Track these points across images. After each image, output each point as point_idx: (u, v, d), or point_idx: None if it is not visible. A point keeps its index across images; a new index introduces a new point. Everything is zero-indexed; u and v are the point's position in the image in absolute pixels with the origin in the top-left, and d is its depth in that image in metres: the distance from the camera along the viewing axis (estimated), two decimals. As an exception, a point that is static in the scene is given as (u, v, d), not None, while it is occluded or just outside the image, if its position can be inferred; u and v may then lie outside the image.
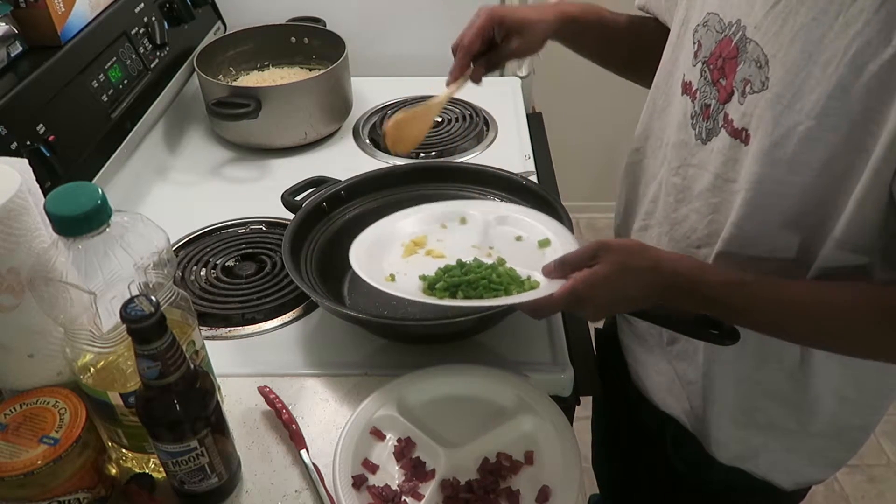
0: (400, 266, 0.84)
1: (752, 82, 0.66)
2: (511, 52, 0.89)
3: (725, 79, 0.69)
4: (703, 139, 0.73)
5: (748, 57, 0.66)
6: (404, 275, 0.82)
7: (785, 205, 0.66)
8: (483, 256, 0.84)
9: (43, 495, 0.64)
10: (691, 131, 0.75)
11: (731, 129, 0.69)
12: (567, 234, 0.86)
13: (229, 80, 1.39)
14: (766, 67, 0.64)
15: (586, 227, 2.72)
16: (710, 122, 0.72)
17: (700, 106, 0.73)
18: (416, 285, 0.80)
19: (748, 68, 0.66)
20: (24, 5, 0.99)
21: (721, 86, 0.70)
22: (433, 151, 1.28)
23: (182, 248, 1.06)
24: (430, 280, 0.80)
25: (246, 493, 0.72)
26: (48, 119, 0.95)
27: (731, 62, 0.68)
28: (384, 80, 1.50)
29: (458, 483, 0.71)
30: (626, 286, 0.69)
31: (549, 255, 0.82)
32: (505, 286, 0.77)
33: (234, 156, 1.30)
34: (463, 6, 1.51)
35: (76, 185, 0.62)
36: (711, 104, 0.71)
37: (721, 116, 0.70)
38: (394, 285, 0.80)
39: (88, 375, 0.67)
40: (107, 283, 0.61)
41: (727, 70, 0.69)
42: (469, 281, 0.78)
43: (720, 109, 0.70)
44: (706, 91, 0.72)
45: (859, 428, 0.84)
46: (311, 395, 0.83)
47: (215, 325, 0.93)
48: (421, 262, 0.85)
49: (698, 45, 0.74)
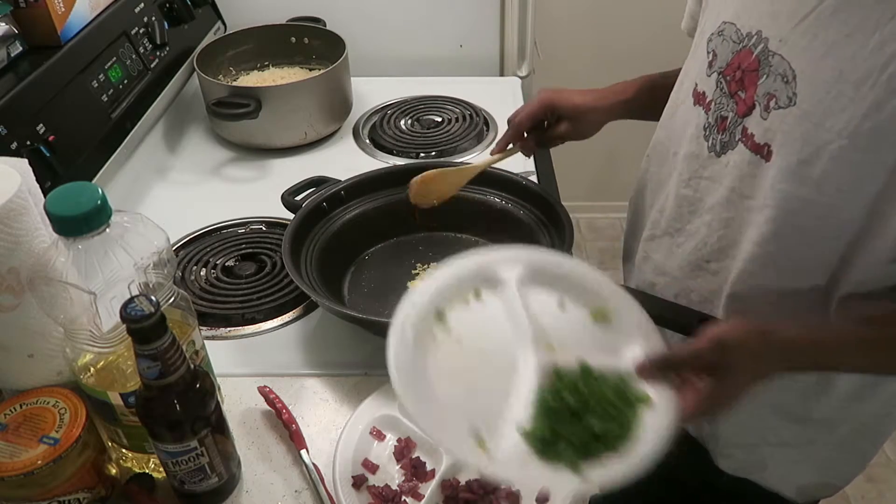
0: None
1: (777, 97, 0.63)
2: (562, 136, 0.92)
3: (745, 91, 0.67)
4: (717, 152, 0.71)
5: (772, 71, 0.64)
6: None
7: (812, 224, 0.64)
8: (543, 354, 0.63)
9: (43, 495, 0.64)
10: (704, 143, 0.73)
11: (752, 143, 0.66)
12: (607, 282, 0.70)
13: (229, 80, 1.39)
14: (793, 83, 0.62)
15: (586, 227, 2.72)
16: (725, 135, 0.70)
17: (715, 118, 0.71)
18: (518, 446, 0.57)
19: (772, 82, 0.64)
20: (24, 5, 0.99)
21: (740, 98, 0.68)
22: (433, 151, 1.28)
23: (182, 248, 1.06)
24: (534, 433, 0.58)
25: (246, 493, 0.72)
26: (48, 119, 0.95)
27: (752, 75, 0.66)
28: (384, 80, 1.50)
29: (458, 483, 0.71)
30: (754, 382, 0.62)
31: (613, 331, 0.67)
32: (619, 414, 0.59)
33: (234, 156, 1.30)
34: (463, 6, 1.53)
35: (76, 185, 0.62)
36: (728, 116, 0.69)
37: (739, 130, 0.68)
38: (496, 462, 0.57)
39: (88, 375, 0.67)
40: (107, 283, 0.61)
41: (747, 82, 0.66)
42: (578, 415, 0.59)
43: (738, 122, 0.68)
44: (722, 103, 0.70)
45: (870, 441, 0.83)
46: (311, 395, 0.83)
47: (215, 325, 0.93)
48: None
49: (713, 54, 0.72)
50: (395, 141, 1.31)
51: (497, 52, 1.58)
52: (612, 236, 2.70)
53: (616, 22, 2.07)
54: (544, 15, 1.61)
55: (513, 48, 1.55)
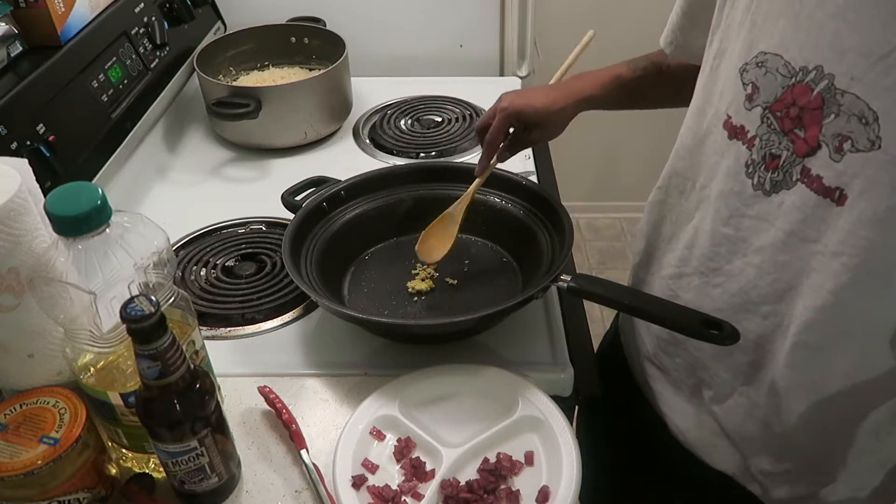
0: None
1: (853, 139, 0.60)
2: (532, 141, 0.93)
3: (804, 130, 0.63)
4: (766, 190, 0.68)
5: (843, 110, 0.60)
6: None
7: (894, 272, 0.62)
8: None
9: (43, 495, 0.64)
10: (747, 181, 0.69)
11: (818, 186, 0.63)
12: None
13: (229, 80, 1.39)
14: (874, 125, 0.58)
15: (586, 227, 2.72)
16: (778, 174, 0.66)
17: (762, 155, 0.67)
18: None
19: (845, 123, 0.60)
20: (24, 5, 0.99)
21: (797, 137, 0.64)
22: (433, 151, 1.28)
23: (182, 248, 1.06)
24: None
25: (246, 493, 0.72)
26: (48, 119, 0.95)
27: (815, 113, 0.62)
28: (384, 80, 1.50)
29: (458, 483, 0.71)
30: None
31: None
32: None
33: (234, 156, 1.30)
34: (463, 6, 1.53)
35: (76, 185, 0.62)
36: (783, 155, 0.65)
37: (797, 170, 0.65)
38: None
39: (88, 375, 0.67)
40: (107, 283, 0.61)
41: (807, 121, 0.63)
42: None
43: (797, 162, 0.64)
44: (772, 140, 0.66)
45: None
46: (311, 395, 0.83)
47: (215, 325, 0.93)
48: None
49: (753, 87, 0.67)
50: (395, 141, 1.31)
51: (497, 52, 1.58)
52: (612, 236, 2.70)
53: (616, 22, 2.07)
54: (544, 15, 1.61)
55: (513, 48, 1.56)
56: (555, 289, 0.87)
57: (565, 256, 0.87)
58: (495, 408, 0.79)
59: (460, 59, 1.57)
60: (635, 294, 0.84)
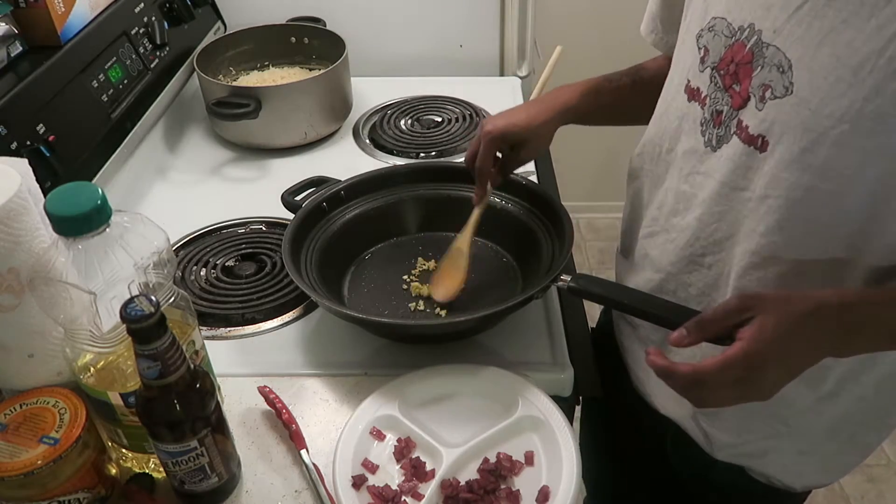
0: None
1: (772, 87, 0.64)
2: (521, 160, 0.93)
3: (739, 84, 0.67)
4: (714, 146, 0.72)
5: (767, 62, 0.64)
6: None
7: (818, 212, 0.64)
8: None
9: (43, 495, 0.64)
10: (701, 138, 0.73)
11: (746, 135, 0.67)
12: None
13: (229, 80, 1.39)
14: (789, 72, 0.62)
15: (586, 227, 2.72)
16: (721, 129, 0.70)
17: (710, 112, 0.72)
18: None
19: (767, 73, 0.64)
20: (24, 5, 0.99)
21: (734, 91, 0.68)
22: (433, 151, 1.28)
23: (182, 248, 1.06)
24: None
25: (246, 493, 0.72)
26: (48, 119, 0.95)
27: (746, 67, 0.66)
28: (384, 80, 1.50)
29: (458, 483, 0.71)
30: (802, 338, 0.61)
31: None
32: None
33: (234, 156, 1.30)
34: (463, 6, 1.53)
35: (76, 185, 0.62)
36: (724, 110, 0.70)
37: (734, 123, 0.68)
38: None
39: (88, 375, 0.67)
40: (107, 283, 0.61)
41: (741, 75, 0.67)
42: None
43: (733, 115, 0.68)
44: (717, 97, 0.70)
45: (875, 432, 0.83)
46: (311, 395, 0.83)
47: (215, 325, 0.93)
48: None
49: (704, 50, 0.72)
50: (395, 141, 1.31)
51: (497, 52, 1.58)
52: (612, 236, 2.69)
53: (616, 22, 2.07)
54: (544, 15, 1.61)
55: (513, 48, 1.55)
56: (555, 289, 0.87)
57: (565, 256, 0.87)
58: (495, 408, 0.79)
59: (460, 59, 1.57)
60: (635, 294, 0.84)
